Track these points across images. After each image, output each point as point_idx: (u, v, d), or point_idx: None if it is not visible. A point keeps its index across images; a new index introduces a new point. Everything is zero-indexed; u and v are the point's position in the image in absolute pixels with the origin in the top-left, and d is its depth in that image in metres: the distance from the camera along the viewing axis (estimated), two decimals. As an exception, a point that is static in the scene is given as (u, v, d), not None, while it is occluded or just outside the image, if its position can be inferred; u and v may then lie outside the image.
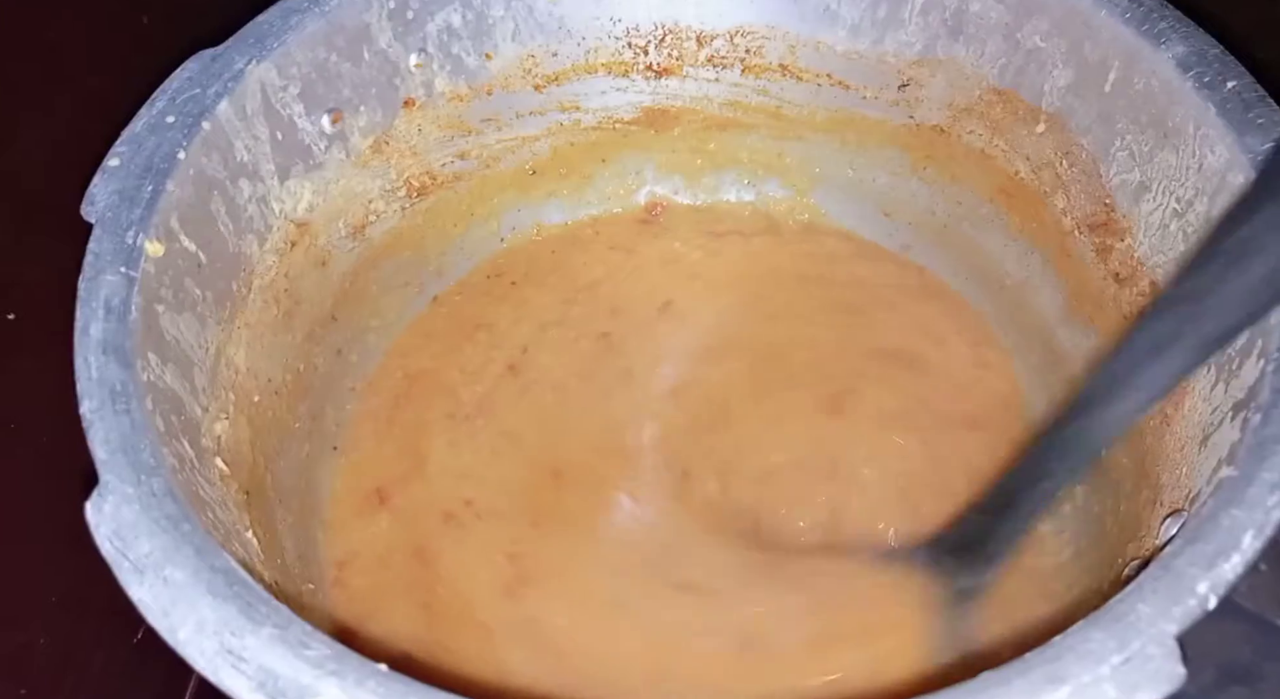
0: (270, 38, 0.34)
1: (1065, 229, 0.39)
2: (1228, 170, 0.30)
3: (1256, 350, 0.28)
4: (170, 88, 0.32)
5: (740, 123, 0.45)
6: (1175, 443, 0.31)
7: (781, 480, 0.39)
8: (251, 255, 0.35)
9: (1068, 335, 0.40)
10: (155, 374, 0.28)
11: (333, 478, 0.40)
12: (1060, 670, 0.22)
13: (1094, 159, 0.36)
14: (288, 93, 0.35)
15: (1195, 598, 0.23)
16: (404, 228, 0.42)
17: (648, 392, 0.42)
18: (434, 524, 0.39)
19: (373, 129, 0.39)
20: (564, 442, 0.40)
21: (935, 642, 0.32)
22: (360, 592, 0.37)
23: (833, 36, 0.41)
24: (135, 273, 0.29)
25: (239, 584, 0.23)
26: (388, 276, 0.43)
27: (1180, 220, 0.33)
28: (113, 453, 0.25)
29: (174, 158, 0.31)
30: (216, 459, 0.31)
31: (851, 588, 0.35)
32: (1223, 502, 0.25)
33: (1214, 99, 0.31)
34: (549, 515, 0.38)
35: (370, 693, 0.21)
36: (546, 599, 0.36)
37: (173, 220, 0.31)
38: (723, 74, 0.44)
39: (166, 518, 0.24)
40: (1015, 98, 0.38)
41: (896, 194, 0.45)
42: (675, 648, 0.34)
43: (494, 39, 0.40)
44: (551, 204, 0.47)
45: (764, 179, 0.47)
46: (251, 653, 0.22)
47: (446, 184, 0.43)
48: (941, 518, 0.36)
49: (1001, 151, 0.40)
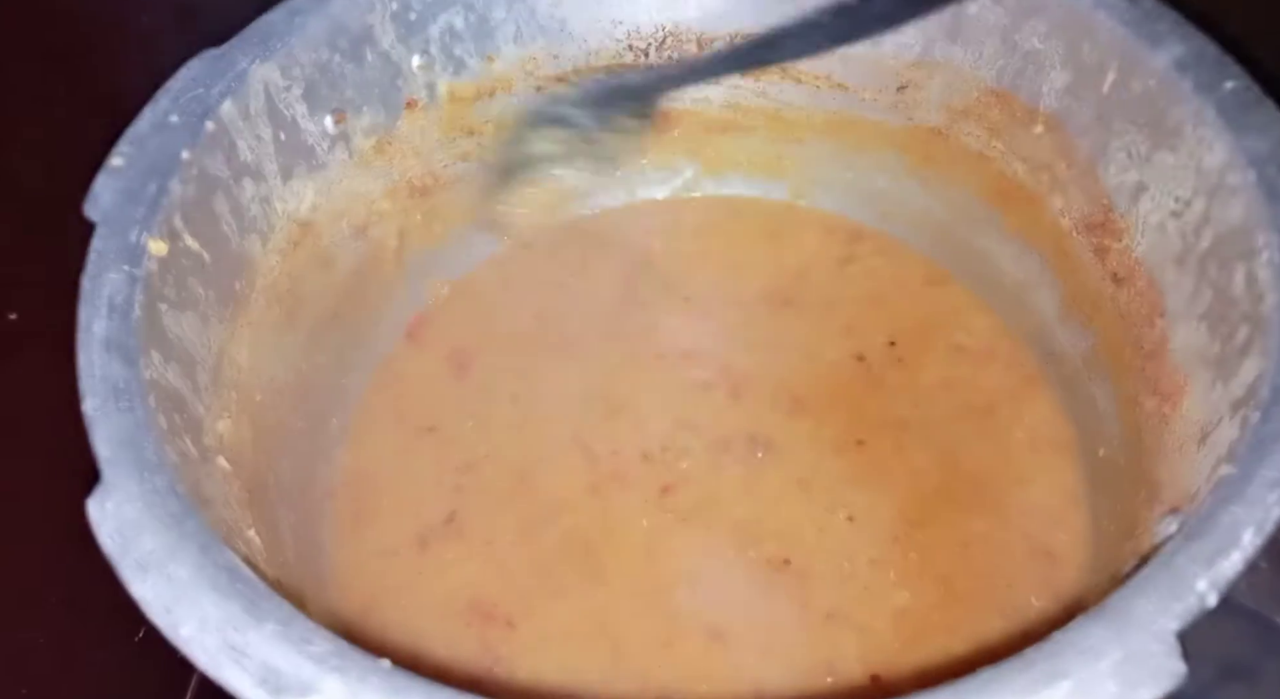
0: (274, 38, 0.34)
1: (1063, 230, 0.39)
2: (1226, 170, 0.31)
3: (1255, 349, 0.28)
4: (174, 87, 0.33)
5: (740, 125, 0.46)
6: (1174, 441, 0.31)
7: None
8: (254, 255, 0.35)
9: (1065, 335, 0.40)
10: (158, 372, 0.28)
11: (335, 477, 0.40)
12: (1061, 666, 0.22)
13: (1092, 160, 0.36)
14: (291, 93, 0.35)
15: (1195, 595, 0.23)
16: (406, 228, 0.42)
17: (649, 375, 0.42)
18: (436, 522, 0.39)
19: (375, 130, 0.39)
20: (579, 423, 0.41)
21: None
22: (360, 589, 0.37)
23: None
24: (139, 271, 0.29)
25: (242, 581, 0.23)
26: (389, 276, 0.43)
27: (1178, 220, 0.33)
28: (115, 451, 0.25)
29: (178, 157, 0.31)
30: (219, 457, 0.31)
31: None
32: (1222, 499, 0.25)
33: (1212, 100, 0.31)
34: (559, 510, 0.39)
35: (373, 689, 0.21)
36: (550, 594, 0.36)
37: (176, 219, 0.31)
38: (722, 76, 0.44)
39: (169, 515, 0.24)
40: (1013, 99, 0.39)
41: (895, 195, 0.46)
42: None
43: (496, 41, 0.40)
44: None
45: (763, 181, 0.48)
46: (254, 649, 0.22)
47: (449, 185, 0.43)
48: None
49: (999, 153, 0.40)
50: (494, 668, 0.35)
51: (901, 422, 0.40)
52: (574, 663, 0.35)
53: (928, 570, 0.36)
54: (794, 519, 0.38)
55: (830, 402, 0.41)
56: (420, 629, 0.36)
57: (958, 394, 0.41)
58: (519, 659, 0.35)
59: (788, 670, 0.34)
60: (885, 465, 0.39)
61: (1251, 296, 0.29)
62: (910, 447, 0.40)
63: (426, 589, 0.37)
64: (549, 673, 0.34)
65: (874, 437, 0.40)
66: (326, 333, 0.39)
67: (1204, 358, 0.31)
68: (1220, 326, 0.30)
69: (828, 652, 0.35)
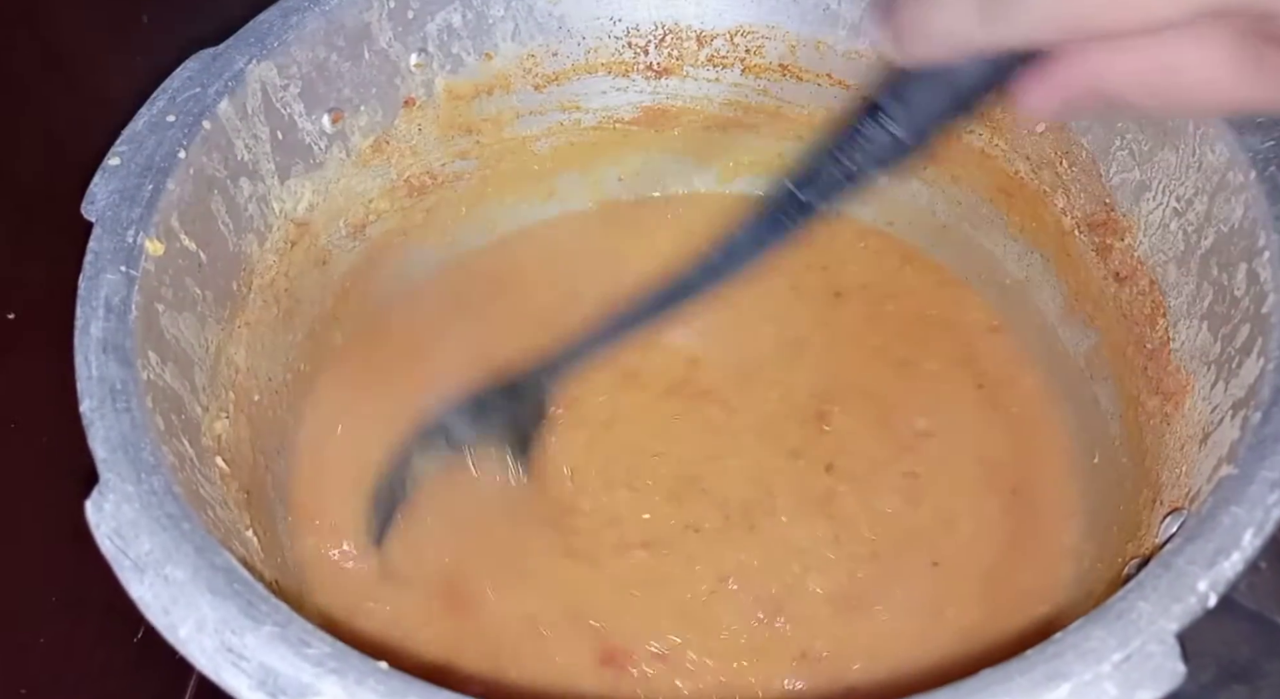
0: (270, 37, 0.34)
1: (1065, 228, 0.39)
2: (1228, 169, 0.30)
3: (1256, 349, 0.28)
4: (171, 87, 0.33)
5: (740, 123, 0.45)
6: (1175, 441, 0.31)
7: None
8: (252, 254, 0.35)
9: (1067, 334, 0.40)
10: (155, 373, 0.28)
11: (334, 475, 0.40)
12: (1061, 668, 0.22)
13: (1094, 158, 0.36)
14: (288, 92, 0.35)
15: (1195, 596, 0.23)
16: (404, 227, 0.42)
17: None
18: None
19: (373, 128, 0.39)
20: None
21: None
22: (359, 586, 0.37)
23: (833, 36, 0.41)
24: (135, 272, 0.29)
25: (239, 582, 0.23)
26: (388, 275, 0.43)
27: (1180, 219, 0.33)
28: (113, 451, 0.25)
29: (174, 157, 0.31)
30: (217, 458, 0.31)
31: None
32: (1223, 500, 0.25)
33: (1214, 98, 0.31)
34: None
35: (370, 691, 0.21)
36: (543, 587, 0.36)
37: (173, 219, 0.31)
38: (723, 74, 0.44)
39: (167, 516, 0.24)
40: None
41: (896, 194, 0.45)
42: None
43: (494, 39, 0.40)
44: (552, 203, 0.47)
45: (763, 179, 0.47)
46: (252, 651, 0.22)
47: (447, 183, 0.43)
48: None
49: (1002, 151, 0.40)
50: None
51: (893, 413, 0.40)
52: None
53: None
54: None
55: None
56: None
57: (958, 393, 0.41)
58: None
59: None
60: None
61: (1253, 296, 0.29)
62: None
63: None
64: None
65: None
66: (324, 332, 0.39)
67: (1205, 357, 0.31)
68: (1222, 326, 0.30)
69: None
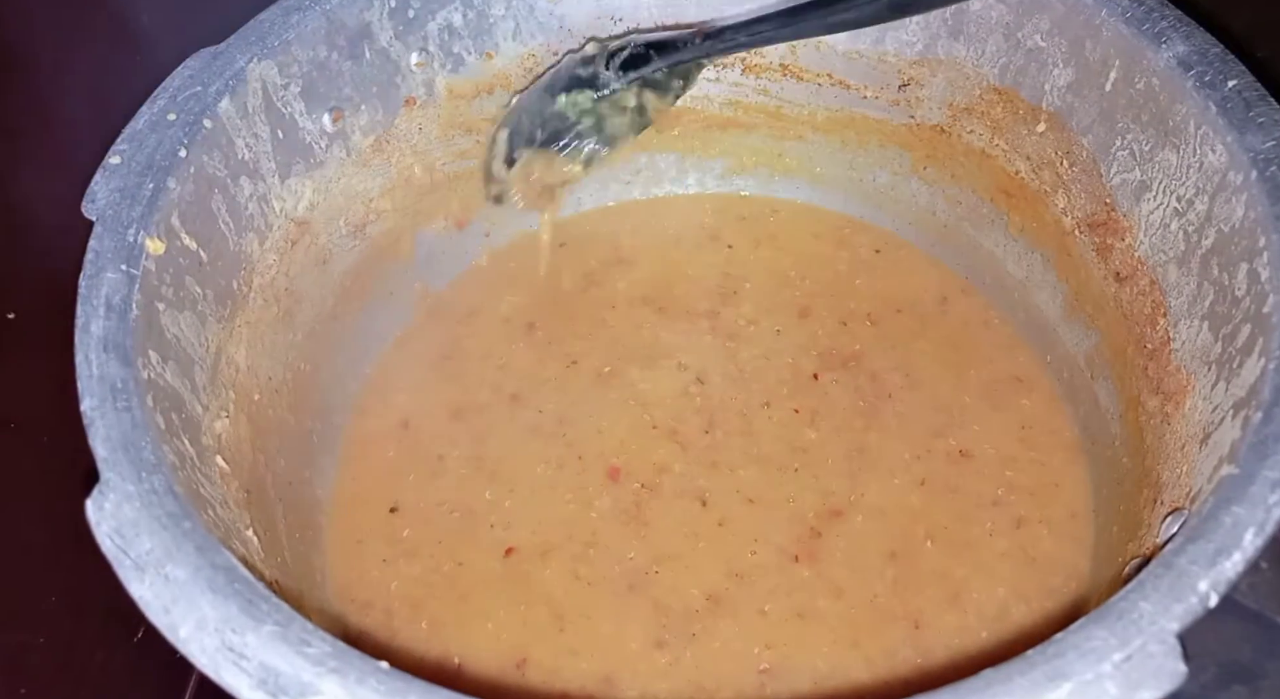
0: (271, 36, 0.34)
1: (1066, 228, 0.39)
2: (1228, 169, 0.30)
3: (1257, 348, 0.28)
4: (171, 86, 0.32)
5: (741, 122, 0.45)
6: (1176, 441, 0.31)
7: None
8: (252, 253, 0.35)
9: (1068, 334, 0.40)
10: (156, 372, 0.28)
11: (334, 476, 0.40)
12: (1062, 668, 0.22)
13: (1094, 158, 0.36)
14: (289, 91, 0.35)
15: (1196, 596, 0.23)
16: (404, 226, 0.42)
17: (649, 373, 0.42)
18: (437, 519, 0.39)
19: (374, 127, 0.39)
20: (577, 422, 0.41)
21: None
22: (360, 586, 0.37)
23: (833, 36, 0.41)
24: (136, 271, 0.29)
25: (240, 581, 0.23)
26: (388, 275, 0.43)
27: (1181, 219, 0.33)
28: (113, 451, 0.25)
29: (175, 155, 0.31)
30: (217, 457, 0.31)
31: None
32: (1224, 500, 0.25)
33: (1214, 98, 0.31)
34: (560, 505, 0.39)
35: (371, 690, 0.21)
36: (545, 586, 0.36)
37: (174, 218, 0.31)
38: (723, 74, 0.44)
39: (167, 515, 0.24)
40: (1016, 97, 0.38)
41: (897, 193, 0.45)
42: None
43: (495, 38, 0.40)
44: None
45: (764, 179, 0.47)
46: (252, 650, 0.22)
47: (447, 183, 0.43)
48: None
49: (1002, 151, 0.40)
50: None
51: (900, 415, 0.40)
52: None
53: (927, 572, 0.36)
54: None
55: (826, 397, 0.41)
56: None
57: (957, 392, 0.41)
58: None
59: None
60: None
61: (1254, 296, 0.29)
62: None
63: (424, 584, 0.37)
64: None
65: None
66: (324, 331, 0.39)
67: (1206, 357, 0.31)
68: (1223, 326, 0.30)
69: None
